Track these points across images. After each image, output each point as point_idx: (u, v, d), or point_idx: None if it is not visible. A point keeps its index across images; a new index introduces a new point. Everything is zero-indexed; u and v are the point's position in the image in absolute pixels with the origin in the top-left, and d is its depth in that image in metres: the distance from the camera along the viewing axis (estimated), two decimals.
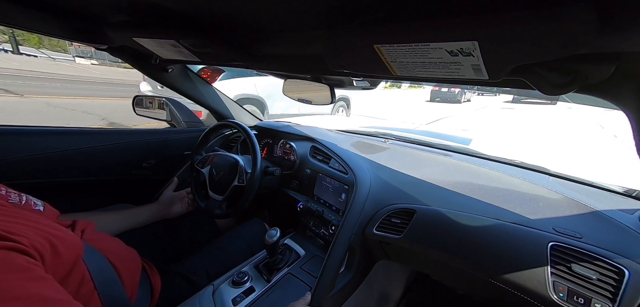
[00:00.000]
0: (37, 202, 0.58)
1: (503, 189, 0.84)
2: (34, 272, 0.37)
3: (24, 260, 0.37)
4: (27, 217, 0.47)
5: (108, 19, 0.69)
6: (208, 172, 1.04)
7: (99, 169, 1.08)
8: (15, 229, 0.40)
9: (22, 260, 0.36)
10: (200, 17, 0.56)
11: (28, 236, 0.40)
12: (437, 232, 0.75)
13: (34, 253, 0.39)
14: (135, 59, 1.07)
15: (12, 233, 0.38)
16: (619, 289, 0.53)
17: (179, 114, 1.40)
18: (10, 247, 0.37)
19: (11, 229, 0.39)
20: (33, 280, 0.36)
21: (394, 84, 23.88)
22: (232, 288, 0.78)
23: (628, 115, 0.43)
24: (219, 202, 1.01)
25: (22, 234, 0.40)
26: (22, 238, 0.39)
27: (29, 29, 0.75)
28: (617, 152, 4.39)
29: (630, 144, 0.47)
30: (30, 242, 0.40)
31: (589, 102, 0.51)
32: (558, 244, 0.60)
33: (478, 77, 0.41)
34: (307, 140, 1.22)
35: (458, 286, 0.90)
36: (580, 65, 0.38)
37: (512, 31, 0.30)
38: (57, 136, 0.98)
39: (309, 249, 0.99)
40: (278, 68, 0.85)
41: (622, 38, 0.31)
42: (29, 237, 0.40)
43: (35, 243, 0.40)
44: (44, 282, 0.37)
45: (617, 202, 0.77)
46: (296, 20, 0.49)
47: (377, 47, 0.40)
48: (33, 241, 0.40)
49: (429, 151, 1.20)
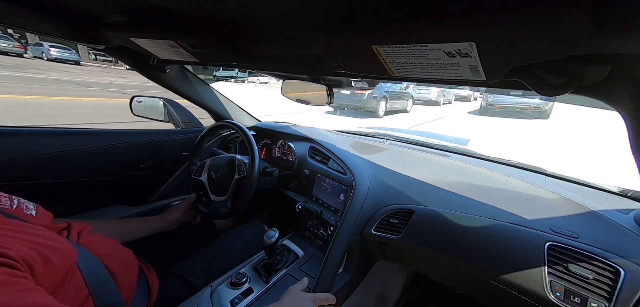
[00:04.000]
0: (29, 206, 0.56)
1: (500, 189, 0.85)
2: (22, 285, 0.36)
3: (9, 274, 0.36)
4: (15, 227, 0.45)
5: (105, 19, 0.69)
6: (206, 178, 1.03)
7: (96, 170, 1.08)
8: (1, 242, 0.39)
9: (6, 274, 0.35)
10: (198, 17, 0.56)
11: (14, 247, 0.39)
12: (435, 233, 0.76)
13: (21, 266, 0.38)
14: (133, 60, 1.06)
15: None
16: (614, 289, 0.53)
17: (177, 115, 1.39)
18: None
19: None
20: (22, 292, 0.35)
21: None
22: (230, 289, 0.78)
23: (623, 116, 0.44)
24: (224, 202, 1.00)
25: (7, 246, 0.39)
26: (9, 250, 0.38)
27: (26, 29, 0.74)
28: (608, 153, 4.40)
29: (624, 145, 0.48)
30: (17, 254, 0.38)
31: (585, 103, 0.51)
32: (555, 243, 0.61)
33: (475, 78, 0.41)
34: (306, 140, 1.22)
35: (456, 286, 0.90)
36: (576, 66, 0.38)
37: (509, 32, 0.30)
38: (55, 137, 0.97)
39: (308, 249, 0.99)
40: (276, 68, 0.85)
41: (617, 40, 0.32)
42: (16, 249, 0.39)
43: (24, 255, 0.39)
44: (35, 293, 0.37)
45: (613, 202, 0.78)
46: (295, 20, 0.49)
47: (376, 48, 0.41)
48: (21, 253, 0.39)
49: (427, 152, 1.20)
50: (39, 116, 4.39)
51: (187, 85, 1.28)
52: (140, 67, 1.09)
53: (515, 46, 0.32)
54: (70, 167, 1.00)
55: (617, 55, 0.35)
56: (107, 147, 1.08)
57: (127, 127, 1.24)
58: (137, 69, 1.11)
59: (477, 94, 15.20)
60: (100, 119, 4.62)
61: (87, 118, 4.61)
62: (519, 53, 0.33)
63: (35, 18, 0.66)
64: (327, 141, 1.17)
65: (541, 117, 8.59)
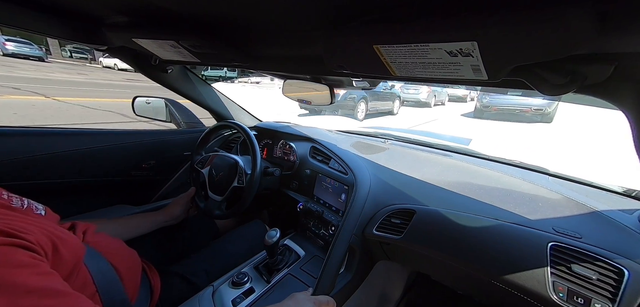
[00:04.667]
0: (38, 206, 0.58)
1: (503, 189, 0.84)
2: (41, 268, 0.38)
3: (29, 256, 0.37)
4: (30, 218, 0.48)
5: (107, 19, 0.69)
6: (208, 172, 1.04)
7: (98, 170, 1.08)
8: (20, 227, 0.41)
9: (27, 256, 0.37)
10: (199, 17, 0.56)
11: (34, 232, 0.41)
12: (436, 233, 0.75)
13: (40, 250, 0.40)
14: (134, 60, 1.06)
15: (18, 230, 0.39)
16: (618, 289, 0.53)
17: (179, 115, 1.40)
18: (16, 243, 0.37)
19: (17, 227, 0.40)
20: (41, 275, 0.37)
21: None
22: (232, 289, 0.78)
23: (627, 115, 0.44)
24: (219, 203, 1.00)
25: (27, 231, 0.41)
26: (28, 235, 0.40)
27: (29, 29, 0.75)
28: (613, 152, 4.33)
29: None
30: (35, 239, 0.40)
31: (589, 103, 0.51)
32: (558, 244, 0.60)
33: (477, 78, 0.41)
34: (307, 140, 1.22)
35: (458, 286, 0.90)
36: (579, 65, 0.38)
37: (511, 32, 0.30)
38: (56, 137, 0.98)
39: (309, 249, 0.99)
40: (278, 68, 0.85)
41: (621, 39, 0.31)
42: (35, 234, 0.41)
43: (40, 241, 0.41)
44: (52, 277, 0.38)
45: (617, 202, 0.78)
46: (296, 20, 0.49)
47: (377, 47, 0.40)
48: (38, 239, 0.41)
49: (429, 151, 1.20)
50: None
51: (189, 86, 1.28)
52: (143, 68, 1.10)
53: (518, 46, 0.32)
54: (71, 167, 1.00)
55: (620, 54, 0.35)
56: (109, 148, 1.09)
57: (129, 128, 1.24)
58: (140, 69, 1.11)
59: (474, 93, 13.10)
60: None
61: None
62: (521, 52, 0.33)
63: (38, 18, 0.67)
64: (328, 141, 1.17)
65: (544, 121, 7.51)
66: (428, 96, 10.33)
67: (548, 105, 7.20)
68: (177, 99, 1.40)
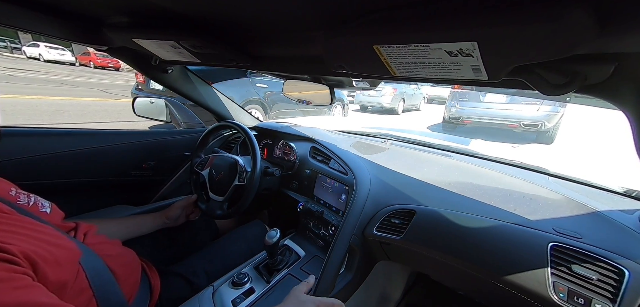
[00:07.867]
0: (44, 204, 0.58)
1: (503, 189, 0.84)
2: (19, 281, 0.36)
3: (5, 268, 0.35)
4: (25, 224, 0.46)
5: (108, 20, 0.69)
6: (208, 174, 1.04)
7: (98, 170, 1.08)
8: (5, 238, 0.39)
9: (3, 270, 0.35)
10: (200, 18, 0.56)
11: (17, 243, 0.39)
12: (437, 233, 0.75)
13: (22, 262, 0.38)
14: (135, 60, 1.07)
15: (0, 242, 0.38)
16: (619, 290, 0.53)
17: (179, 115, 1.40)
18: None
19: (1, 238, 0.38)
20: (19, 289, 0.35)
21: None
22: (232, 289, 0.78)
23: (627, 115, 0.44)
24: (220, 203, 1.00)
25: (9, 242, 0.39)
26: (10, 245, 0.38)
27: (29, 30, 0.75)
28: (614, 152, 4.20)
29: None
30: (19, 250, 0.39)
31: (588, 103, 0.51)
32: (558, 244, 0.60)
33: (477, 78, 0.41)
34: (307, 140, 1.22)
35: (458, 287, 0.90)
36: (579, 65, 0.38)
37: (511, 32, 0.30)
38: (56, 137, 0.98)
39: (309, 249, 0.99)
40: (278, 69, 0.85)
41: (621, 39, 0.31)
42: (19, 245, 0.39)
43: (28, 251, 0.40)
44: (34, 290, 0.37)
45: (617, 202, 0.77)
46: (296, 20, 0.49)
47: (377, 47, 0.40)
48: (24, 249, 0.39)
49: (429, 152, 1.20)
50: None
51: (189, 86, 1.28)
52: (143, 68, 1.10)
53: (518, 46, 0.32)
54: (71, 167, 1.00)
55: (621, 54, 0.35)
56: (109, 148, 1.09)
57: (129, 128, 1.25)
58: (140, 70, 1.11)
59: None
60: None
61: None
62: (521, 52, 0.33)
63: (38, 19, 0.67)
64: (328, 141, 1.17)
65: (540, 141, 4.88)
66: (392, 100, 7.71)
67: (546, 120, 4.62)
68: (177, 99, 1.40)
